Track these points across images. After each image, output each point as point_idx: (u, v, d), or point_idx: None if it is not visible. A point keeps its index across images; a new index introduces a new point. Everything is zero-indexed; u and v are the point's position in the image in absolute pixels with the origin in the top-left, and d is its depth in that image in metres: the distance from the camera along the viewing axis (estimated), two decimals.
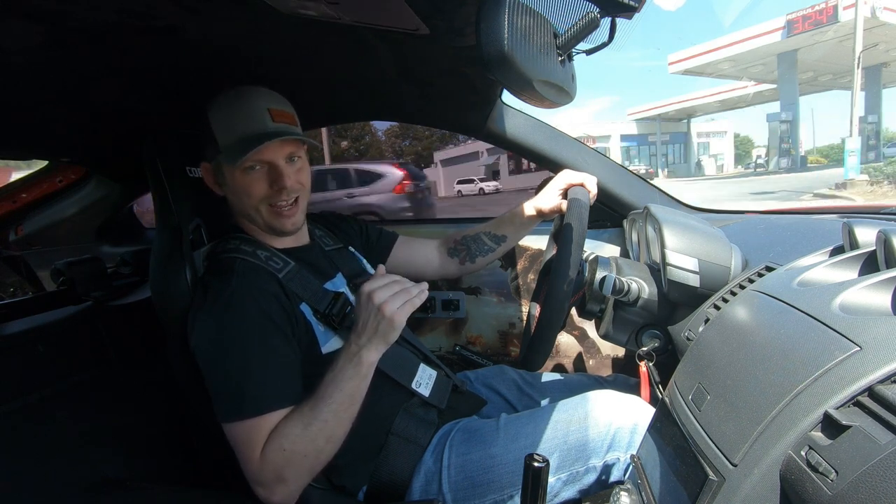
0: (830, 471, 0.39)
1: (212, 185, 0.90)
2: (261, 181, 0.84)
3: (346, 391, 0.72)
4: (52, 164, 1.43)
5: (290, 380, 0.77)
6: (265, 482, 0.71)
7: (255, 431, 0.72)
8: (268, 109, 0.83)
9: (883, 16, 16.52)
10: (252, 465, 0.71)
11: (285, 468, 0.71)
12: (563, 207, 1.03)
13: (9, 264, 1.65)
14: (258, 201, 0.84)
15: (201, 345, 0.77)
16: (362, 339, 0.73)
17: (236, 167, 0.82)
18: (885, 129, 27.65)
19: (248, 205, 0.85)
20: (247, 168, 0.82)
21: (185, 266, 0.87)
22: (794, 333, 0.53)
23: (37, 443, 0.97)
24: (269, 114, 0.83)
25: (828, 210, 1.13)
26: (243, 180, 0.83)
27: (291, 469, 0.71)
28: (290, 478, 0.71)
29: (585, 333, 1.47)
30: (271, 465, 0.71)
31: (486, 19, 0.47)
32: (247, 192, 0.84)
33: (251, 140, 0.80)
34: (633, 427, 0.81)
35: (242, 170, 0.82)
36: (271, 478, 0.71)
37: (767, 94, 27.46)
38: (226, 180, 0.86)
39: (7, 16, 0.58)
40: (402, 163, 9.45)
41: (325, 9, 0.62)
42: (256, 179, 0.83)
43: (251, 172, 0.83)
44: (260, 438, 0.71)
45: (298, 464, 0.71)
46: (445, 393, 0.95)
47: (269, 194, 0.84)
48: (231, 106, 0.83)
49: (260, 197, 0.84)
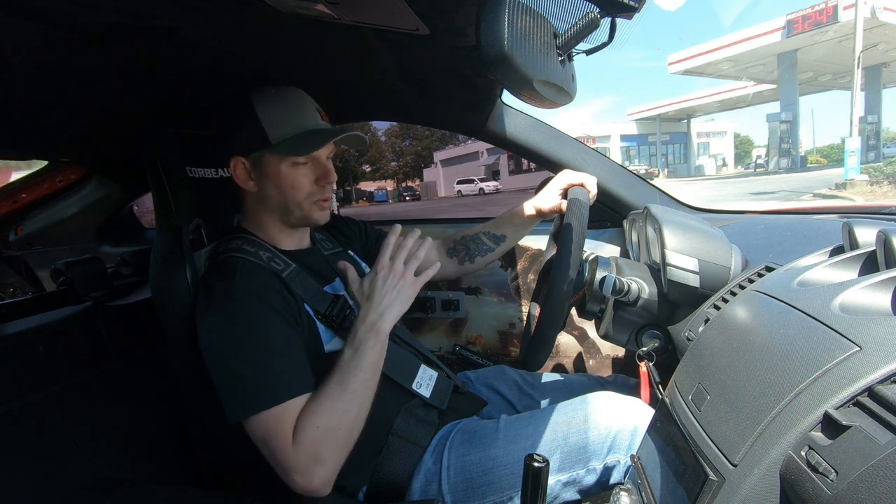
0: (830, 471, 0.39)
1: (242, 180, 0.87)
2: (307, 176, 0.86)
3: (369, 359, 0.76)
4: (52, 164, 1.43)
5: (304, 366, 0.77)
6: (302, 467, 0.71)
7: (283, 419, 0.72)
8: (316, 108, 0.87)
9: (883, 16, 16.52)
10: (285, 453, 0.71)
11: (321, 446, 0.71)
12: (562, 207, 1.03)
13: (9, 264, 1.65)
14: (304, 196, 0.86)
15: (211, 344, 0.77)
16: (380, 308, 0.79)
17: (284, 160, 0.84)
18: (885, 129, 27.63)
19: (293, 198, 0.86)
20: (296, 163, 0.84)
21: (186, 266, 0.87)
22: (794, 333, 0.52)
23: (37, 443, 0.97)
24: (318, 113, 0.88)
25: (828, 210, 1.13)
26: (291, 174, 0.85)
27: (327, 446, 0.71)
28: (326, 455, 0.71)
29: (585, 333, 1.47)
30: (307, 446, 0.70)
31: (486, 19, 0.47)
32: (294, 186, 0.85)
33: (310, 135, 0.84)
34: (633, 429, 0.81)
35: (292, 164, 0.84)
36: (309, 460, 0.71)
37: (767, 94, 27.46)
38: (266, 174, 0.85)
39: (7, 16, 0.58)
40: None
41: (325, 9, 0.62)
42: (303, 175, 0.86)
43: (300, 167, 0.85)
44: (289, 425, 0.71)
45: (334, 439, 0.72)
46: (446, 394, 0.95)
47: (314, 190, 0.87)
48: (282, 101, 0.84)
49: (307, 192, 0.86)
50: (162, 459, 1.13)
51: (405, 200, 28.55)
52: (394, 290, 0.80)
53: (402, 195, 29.55)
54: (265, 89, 0.85)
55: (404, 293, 0.81)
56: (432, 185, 29.06)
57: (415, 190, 30.43)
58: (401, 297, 0.81)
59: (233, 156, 0.86)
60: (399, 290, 0.81)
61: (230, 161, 0.86)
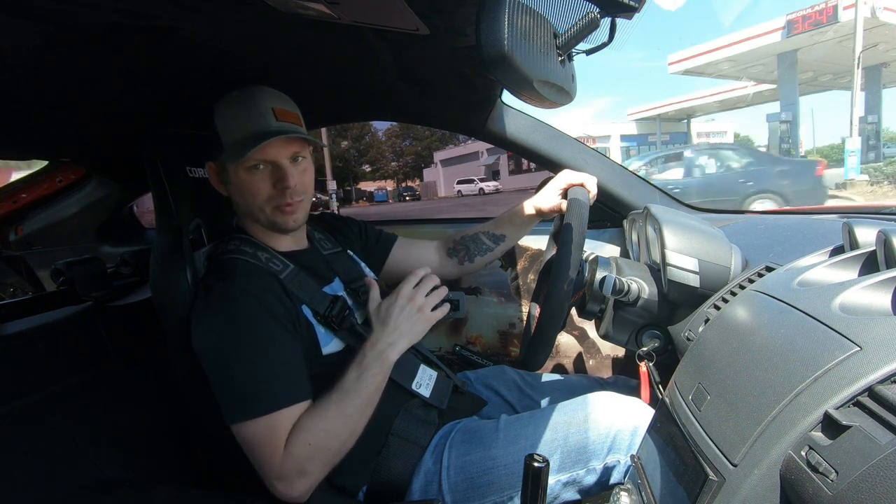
0: (830, 471, 0.39)
1: (216, 185, 0.89)
2: (264, 181, 0.83)
3: (371, 387, 0.76)
4: (52, 164, 1.43)
5: (301, 375, 0.78)
6: (286, 477, 0.72)
7: (275, 428, 0.72)
8: (272, 108, 0.83)
9: (883, 16, 16.49)
10: (273, 461, 0.71)
11: (308, 461, 0.72)
12: (562, 207, 1.03)
13: (9, 264, 1.65)
14: (263, 201, 0.84)
15: (206, 346, 0.77)
16: (392, 337, 0.79)
17: (239, 165, 0.82)
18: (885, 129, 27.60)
19: (253, 204, 0.85)
20: (251, 167, 0.82)
21: (186, 266, 0.87)
22: (795, 333, 0.52)
23: (37, 443, 0.97)
24: (273, 113, 0.82)
25: (828, 210, 1.13)
26: (247, 179, 0.83)
27: (314, 462, 0.72)
28: (311, 470, 0.72)
29: (585, 333, 1.47)
30: (295, 459, 0.71)
31: (486, 19, 0.47)
32: (251, 191, 0.83)
33: (254, 138, 0.79)
34: (633, 430, 0.80)
35: (246, 169, 0.82)
36: (293, 472, 0.72)
37: (767, 94, 27.40)
38: (230, 179, 0.85)
39: (7, 16, 0.58)
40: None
41: (325, 9, 0.62)
42: (260, 179, 0.83)
43: (255, 172, 0.82)
44: (281, 434, 0.72)
45: (322, 457, 0.73)
46: (446, 394, 0.95)
47: (272, 195, 0.83)
48: (236, 105, 0.83)
49: (265, 197, 0.83)
50: (162, 459, 1.13)
51: (405, 200, 28.57)
52: (408, 321, 0.81)
53: (402, 195, 29.57)
54: (230, 93, 0.84)
55: (417, 327, 0.81)
56: (432, 185, 29.07)
57: (415, 190, 30.45)
58: (413, 330, 0.81)
59: (207, 161, 0.88)
60: (413, 323, 0.81)
61: (206, 166, 0.89)
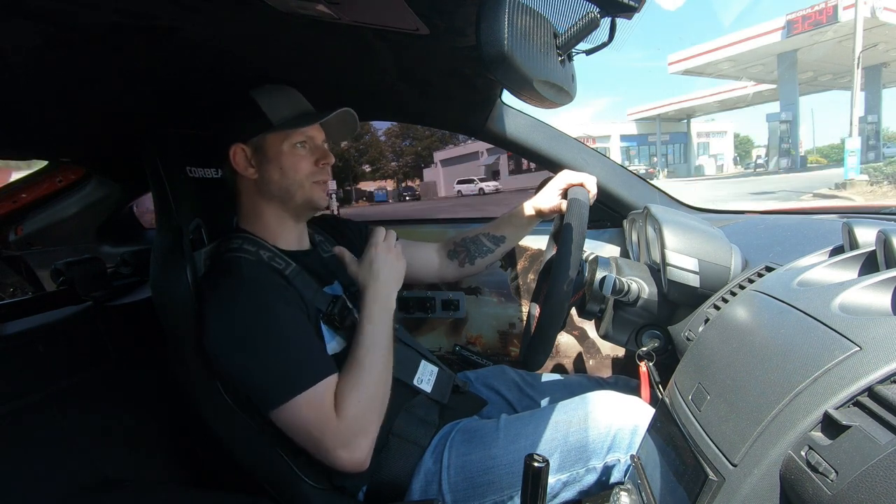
0: (830, 471, 0.39)
1: (243, 167, 0.89)
2: (307, 158, 0.89)
3: (385, 333, 0.81)
4: (52, 164, 1.42)
5: (325, 349, 0.81)
6: (348, 441, 0.74)
7: (323, 396, 0.74)
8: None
9: (883, 16, 16.50)
10: (329, 430, 0.73)
11: (364, 418, 0.75)
12: (562, 207, 1.03)
13: (9, 264, 1.65)
14: (304, 176, 0.89)
15: (227, 339, 0.77)
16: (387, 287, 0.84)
17: (286, 140, 0.87)
18: (885, 129, 27.61)
19: (294, 179, 0.88)
20: (295, 144, 0.88)
21: (186, 266, 0.87)
22: (794, 333, 0.52)
23: (37, 443, 0.97)
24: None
25: (828, 210, 1.13)
26: (292, 155, 0.88)
27: (370, 416, 0.76)
28: (370, 427, 0.76)
29: (585, 333, 1.47)
30: (353, 420, 0.74)
31: (486, 19, 0.47)
32: (294, 166, 0.88)
33: (307, 116, 0.88)
34: (633, 428, 0.81)
35: (292, 145, 0.88)
36: (355, 432, 0.74)
37: (767, 94, 27.43)
38: (268, 157, 0.88)
39: (7, 16, 0.58)
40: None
41: (325, 9, 0.62)
42: (303, 156, 0.89)
43: (300, 149, 0.88)
44: (329, 402, 0.74)
45: (375, 409, 0.77)
46: (447, 389, 0.95)
47: (314, 171, 0.90)
48: (278, 91, 0.89)
49: (306, 172, 0.89)
50: (162, 459, 1.14)
51: (405, 200, 28.55)
52: (392, 268, 0.85)
53: (402, 195, 29.55)
54: (262, 85, 0.89)
55: (400, 272, 0.87)
56: (432, 185, 29.06)
57: (415, 190, 30.43)
58: (399, 275, 0.87)
59: (232, 143, 0.88)
60: (397, 270, 0.86)
61: (230, 149, 0.88)
